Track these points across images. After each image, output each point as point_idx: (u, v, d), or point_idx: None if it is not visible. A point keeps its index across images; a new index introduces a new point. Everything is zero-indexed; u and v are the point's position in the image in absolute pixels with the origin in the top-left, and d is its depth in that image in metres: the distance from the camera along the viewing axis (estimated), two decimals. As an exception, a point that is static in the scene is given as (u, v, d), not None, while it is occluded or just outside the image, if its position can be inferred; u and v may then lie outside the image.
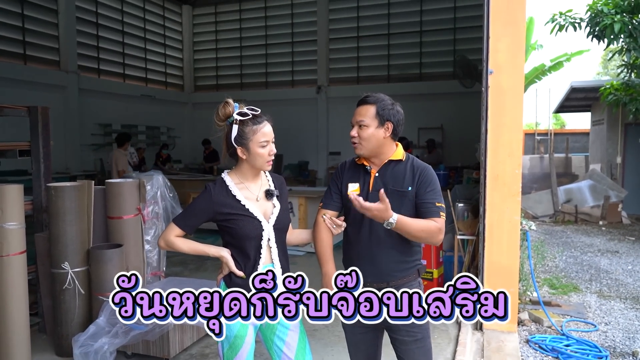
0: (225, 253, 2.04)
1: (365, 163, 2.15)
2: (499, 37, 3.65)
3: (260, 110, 2.05)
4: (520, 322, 4.37)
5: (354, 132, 2.10)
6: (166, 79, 15.04)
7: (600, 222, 10.04)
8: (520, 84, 3.66)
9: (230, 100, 2.02)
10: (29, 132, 3.79)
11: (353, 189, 2.12)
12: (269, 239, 2.05)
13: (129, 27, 13.54)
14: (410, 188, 2.08)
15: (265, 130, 2.01)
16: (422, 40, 13.14)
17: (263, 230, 2.03)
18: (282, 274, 2.08)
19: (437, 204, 2.07)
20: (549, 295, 5.37)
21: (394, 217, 1.93)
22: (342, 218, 2.13)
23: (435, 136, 12.89)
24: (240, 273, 2.02)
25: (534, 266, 5.67)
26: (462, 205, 4.78)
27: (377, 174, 2.12)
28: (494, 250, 3.83)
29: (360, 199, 1.93)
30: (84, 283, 3.49)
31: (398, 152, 2.16)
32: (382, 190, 1.91)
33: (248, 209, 2.02)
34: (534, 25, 11.57)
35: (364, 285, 2.10)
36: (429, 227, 2.02)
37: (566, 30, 7.92)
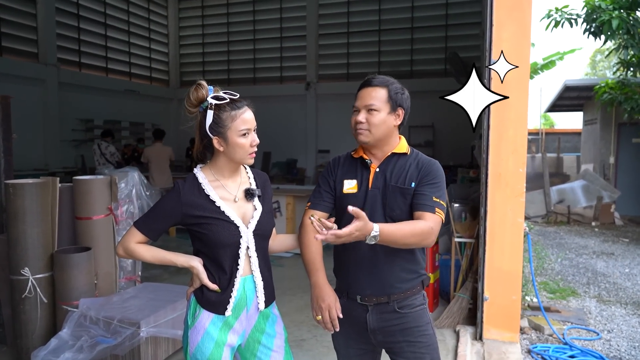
0: (196, 263, 1.73)
1: (365, 156, 1.86)
2: (504, 24, 3.38)
3: (238, 94, 1.75)
4: (520, 330, 4.12)
5: (361, 117, 1.79)
6: (151, 73, 14.61)
7: (593, 223, 9.89)
8: (526, 76, 3.39)
9: (204, 82, 1.72)
10: None
11: (350, 186, 1.85)
12: (247, 247, 1.74)
13: (112, 20, 13.09)
14: (413, 184, 1.80)
15: (246, 117, 1.70)
16: (414, 37, 12.91)
17: (241, 236, 1.72)
18: (264, 287, 1.78)
19: (434, 199, 1.76)
20: (547, 300, 5.14)
21: (376, 229, 1.58)
22: (333, 219, 1.83)
23: (426, 135, 12.69)
24: (214, 287, 1.71)
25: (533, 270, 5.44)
26: (458, 205, 4.51)
27: (377, 169, 1.84)
28: (496, 255, 3.57)
29: (331, 230, 1.54)
30: (48, 291, 3.15)
31: (402, 144, 1.89)
32: (352, 208, 1.54)
33: (223, 212, 1.71)
34: (527, 22, 11.40)
35: (362, 299, 1.83)
36: (419, 230, 1.69)
37: (562, 26, 7.73)
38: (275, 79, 14.34)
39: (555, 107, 14.45)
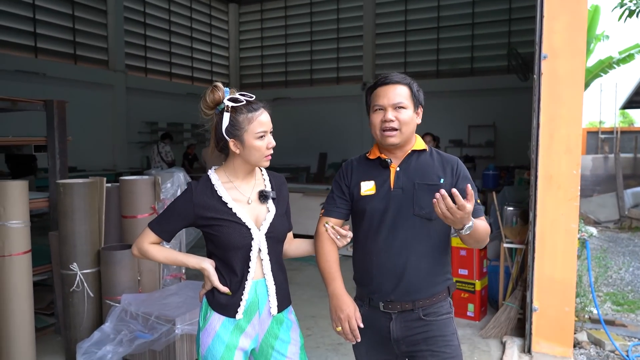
0: (207, 265, 1.72)
1: (383, 156, 1.79)
2: (555, 15, 3.14)
3: (255, 96, 1.73)
4: (578, 344, 3.81)
5: (390, 115, 1.71)
6: (212, 77, 15.12)
7: (675, 230, 9.02)
8: (580, 70, 3.13)
9: (220, 84, 1.72)
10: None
11: (368, 187, 1.78)
12: (259, 250, 1.72)
13: (176, 27, 13.70)
14: (442, 180, 1.73)
15: (262, 119, 1.69)
16: (474, 33, 12.43)
17: (252, 239, 1.70)
18: (277, 291, 1.75)
19: (478, 201, 1.71)
20: (612, 313, 4.73)
21: (472, 221, 1.59)
22: (348, 227, 1.79)
23: (487, 134, 12.17)
24: (225, 289, 1.70)
25: (595, 279, 5.04)
26: (511, 209, 4.25)
27: (398, 168, 1.76)
28: (546, 263, 3.32)
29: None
30: (94, 286, 3.31)
31: (420, 141, 1.82)
32: (455, 190, 1.49)
33: (235, 213, 1.70)
34: (600, 14, 10.59)
35: (385, 307, 1.75)
36: (488, 229, 1.73)
37: (637, 15, 7.11)
38: (331, 79, 14.34)
39: (632, 103, 13.35)
